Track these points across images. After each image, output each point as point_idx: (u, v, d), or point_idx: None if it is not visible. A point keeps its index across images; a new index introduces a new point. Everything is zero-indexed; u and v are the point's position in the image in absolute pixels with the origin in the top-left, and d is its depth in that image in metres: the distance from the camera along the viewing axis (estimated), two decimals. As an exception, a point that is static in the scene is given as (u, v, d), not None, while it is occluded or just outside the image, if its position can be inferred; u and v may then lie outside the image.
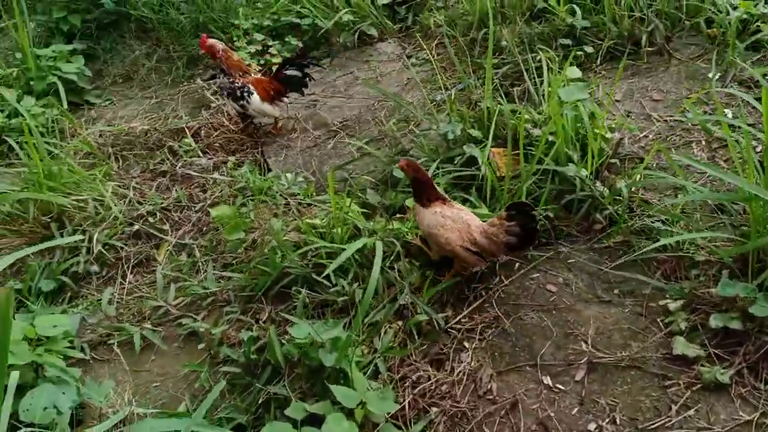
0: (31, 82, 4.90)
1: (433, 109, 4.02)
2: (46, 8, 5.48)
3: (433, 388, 2.73)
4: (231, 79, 4.24)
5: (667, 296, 2.91)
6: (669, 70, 4.16)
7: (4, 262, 1.80)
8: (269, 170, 4.19)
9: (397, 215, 3.48)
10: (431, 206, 3.01)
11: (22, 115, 4.64)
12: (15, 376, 2.46)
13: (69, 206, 3.76)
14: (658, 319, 2.85)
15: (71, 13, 5.36)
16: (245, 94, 4.23)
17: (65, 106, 4.70)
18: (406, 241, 3.25)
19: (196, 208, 3.97)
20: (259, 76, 4.37)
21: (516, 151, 3.36)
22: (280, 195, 3.82)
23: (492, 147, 3.55)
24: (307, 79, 4.33)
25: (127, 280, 3.62)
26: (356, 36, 4.98)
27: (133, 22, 5.42)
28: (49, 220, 3.76)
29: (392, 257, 3.18)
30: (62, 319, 3.08)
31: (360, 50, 5.00)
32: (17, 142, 4.20)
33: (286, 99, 4.37)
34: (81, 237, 3.62)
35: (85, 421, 2.94)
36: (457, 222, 2.94)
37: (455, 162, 3.60)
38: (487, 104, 3.76)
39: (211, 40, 4.30)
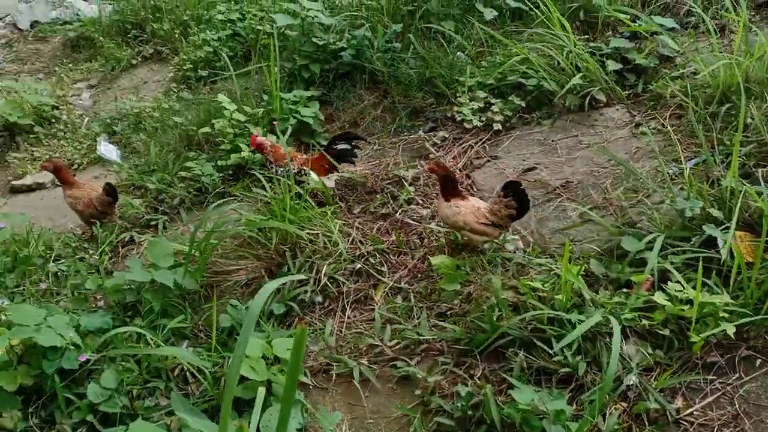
0: (274, 122, 5.45)
1: (669, 182, 3.85)
2: (291, 56, 6.10)
3: (661, 482, 2.57)
4: (286, 167, 4.52)
5: None
6: None
7: (269, 287, 2.04)
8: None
9: (624, 290, 3.35)
10: (450, 201, 3.85)
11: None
12: (262, 392, 2.68)
13: (303, 238, 4.09)
14: None
15: (313, 62, 5.89)
16: (304, 177, 4.53)
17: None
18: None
19: (413, 255, 4.13)
20: (304, 157, 4.75)
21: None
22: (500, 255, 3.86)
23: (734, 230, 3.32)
24: (356, 150, 4.80)
25: (347, 314, 3.84)
26: (585, 100, 4.93)
27: (365, 74, 5.84)
28: (285, 248, 4.11)
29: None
30: (294, 344, 3.31)
31: (585, 114, 4.94)
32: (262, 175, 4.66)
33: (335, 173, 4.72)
34: (307, 276, 3.92)
35: (304, 444, 3.14)
36: (469, 207, 3.79)
37: (691, 242, 3.41)
38: (731, 183, 3.54)
39: (260, 138, 4.74)
